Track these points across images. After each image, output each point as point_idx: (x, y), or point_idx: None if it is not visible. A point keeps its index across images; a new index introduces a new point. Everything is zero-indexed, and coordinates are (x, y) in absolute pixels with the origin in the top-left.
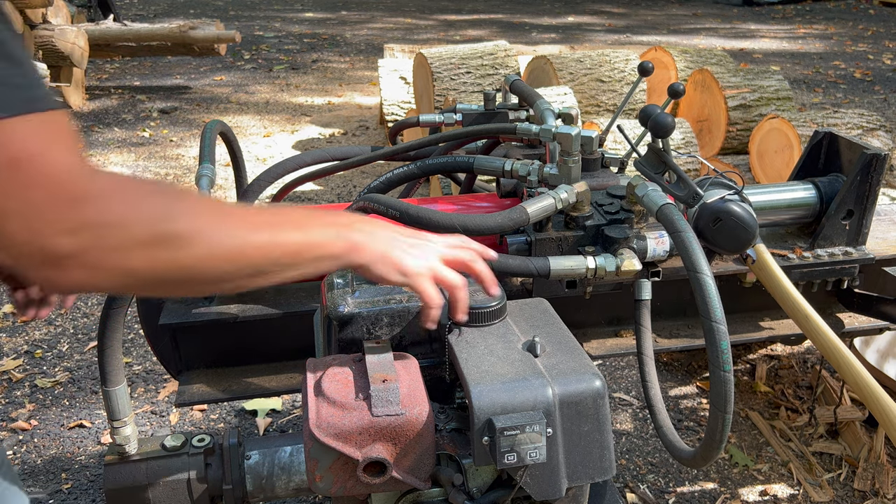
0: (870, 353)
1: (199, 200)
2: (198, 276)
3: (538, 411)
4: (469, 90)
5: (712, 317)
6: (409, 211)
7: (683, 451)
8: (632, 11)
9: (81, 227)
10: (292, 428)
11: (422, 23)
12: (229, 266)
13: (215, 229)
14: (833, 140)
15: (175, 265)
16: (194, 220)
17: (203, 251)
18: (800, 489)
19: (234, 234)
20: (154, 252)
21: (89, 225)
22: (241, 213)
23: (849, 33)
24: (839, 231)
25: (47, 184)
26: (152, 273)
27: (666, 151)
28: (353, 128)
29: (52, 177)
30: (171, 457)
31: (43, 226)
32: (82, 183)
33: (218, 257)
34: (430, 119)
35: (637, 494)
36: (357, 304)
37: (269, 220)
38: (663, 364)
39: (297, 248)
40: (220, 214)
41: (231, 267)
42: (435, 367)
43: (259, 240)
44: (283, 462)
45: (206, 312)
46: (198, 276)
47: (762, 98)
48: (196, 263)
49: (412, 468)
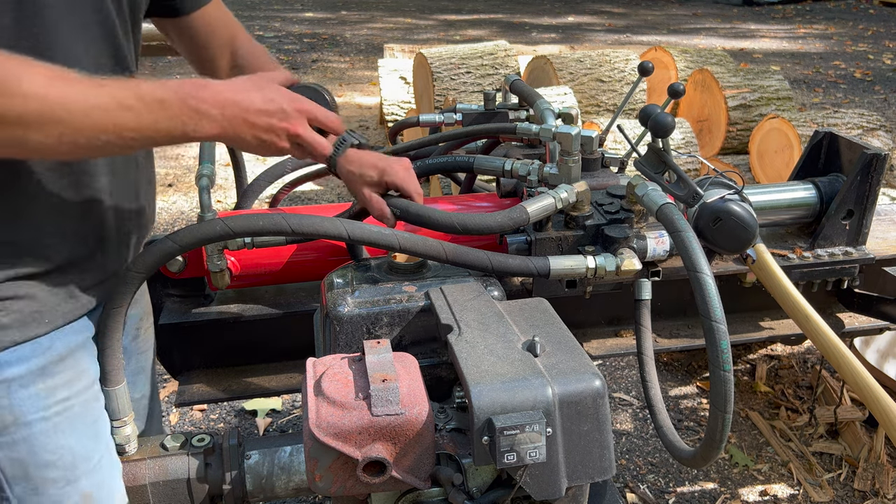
0: (870, 353)
1: (29, 72)
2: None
3: (538, 411)
4: (469, 90)
5: (712, 316)
6: (409, 210)
7: (683, 451)
8: (632, 11)
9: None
10: (292, 428)
11: (422, 23)
12: (65, 143)
13: (43, 110)
14: (833, 140)
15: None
16: (22, 99)
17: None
18: (800, 489)
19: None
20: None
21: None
22: (73, 87)
23: (849, 33)
24: (839, 231)
25: None
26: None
27: (666, 151)
28: (354, 128)
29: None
30: (171, 457)
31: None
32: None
33: (45, 134)
34: (430, 119)
35: (637, 494)
36: (357, 303)
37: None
38: (663, 364)
39: (133, 129)
40: (48, 89)
41: (68, 144)
42: (435, 367)
43: (88, 121)
44: (283, 462)
45: (206, 312)
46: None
47: (762, 98)
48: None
49: (412, 468)
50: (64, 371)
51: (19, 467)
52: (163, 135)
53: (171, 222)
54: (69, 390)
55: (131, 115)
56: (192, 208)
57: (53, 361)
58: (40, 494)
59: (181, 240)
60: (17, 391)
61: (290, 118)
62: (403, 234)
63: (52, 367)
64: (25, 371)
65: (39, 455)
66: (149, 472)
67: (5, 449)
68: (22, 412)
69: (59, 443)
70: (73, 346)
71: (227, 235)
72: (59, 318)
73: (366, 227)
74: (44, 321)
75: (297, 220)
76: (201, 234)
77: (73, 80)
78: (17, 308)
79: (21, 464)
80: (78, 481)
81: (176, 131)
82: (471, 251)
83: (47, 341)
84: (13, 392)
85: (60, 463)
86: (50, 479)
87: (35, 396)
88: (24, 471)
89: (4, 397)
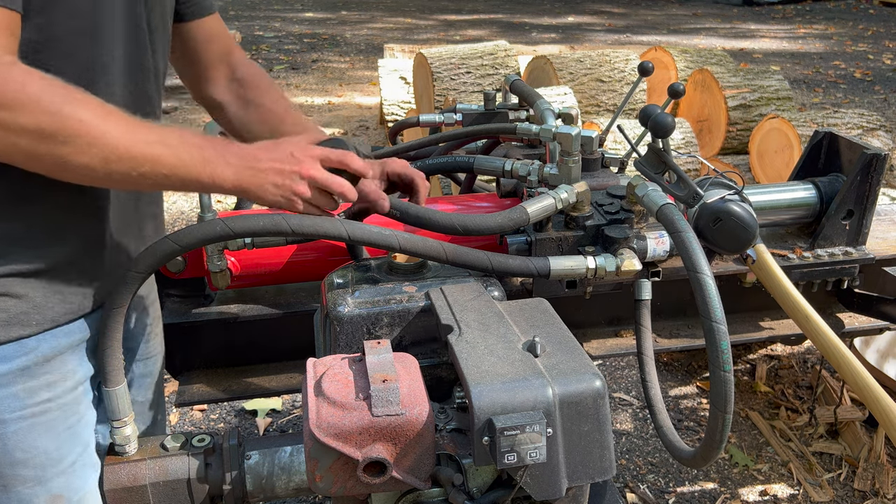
0: (870, 353)
1: (90, 104)
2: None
3: (538, 411)
4: (469, 90)
5: (712, 317)
6: (409, 211)
7: (683, 451)
8: (632, 11)
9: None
10: (292, 428)
11: (422, 23)
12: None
13: (95, 134)
14: (833, 140)
15: (51, 154)
16: (78, 122)
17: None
18: (800, 489)
19: (110, 141)
20: (36, 141)
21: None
22: (126, 123)
23: (849, 33)
24: (839, 231)
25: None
26: (34, 157)
27: (666, 151)
28: (353, 128)
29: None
30: (171, 457)
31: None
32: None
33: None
34: (430, 119)
35: (637, 494)
36: (357, 304)
37: (147, 136)
38: (663, 364)
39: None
40: (105, 120)
41: (102, 168)
42: (435, 368)
43: (134, 150)
44: (283, 462)
45: (206, 312)
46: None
47: (762, 98)
48: (70, 158)
49: (412, 468)
50: (48, 373)
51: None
52: (191, 178)
53: (172, 222)
54: (51, 392)
55: (170, 153)
56: (192, 208)
57: (38, 363)
58: (9, 492)
59: (181, 240)
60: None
61: (301, 162)
62: (403, 235)
63: (35, 368)
64: (6, 370)
65: (12, 453)
66: (149, 473)
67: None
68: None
69: (32, 443)
70: (61, 348)
71: (228, 236)
72: (47, 320)
73: (366, 228)
74: (31, 322)
75: (297, 221)
76: (201, 234)
77: (121, 114)
78: (4, 307)
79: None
80: (49, 482)
81: (203, 176)
82: (471, 251)
83: (33, 342)
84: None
85: (32, 463)
86: (20, 477)
87: (13, 396)
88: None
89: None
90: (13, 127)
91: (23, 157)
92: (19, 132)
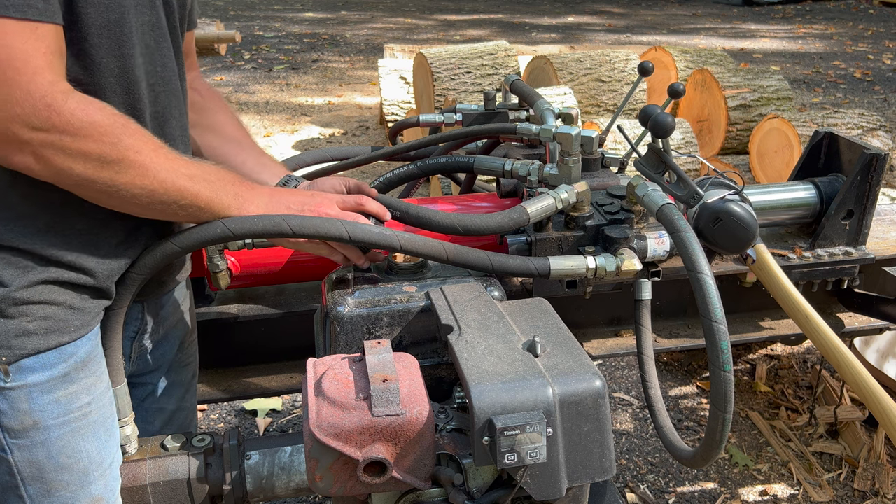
0: (870, 353)
1: (144, 137)
2: (121, 194)
3: (538, 411)
4: (469, 90)
5: (712, 317)
6: (410, 211)
7: (683, 451)
8: (632, 11)
9: (46, 128)
10: (292, 428)
11: (422, 23)
12: (148, 197)
13: (148, 166)
14: (833, 140)
15: (107, 181)
16: (135, 153)
17: (131, 179)
18: (800, 489)
19: (160, 174)
20: (95, 167)
21: (52, 128)
22: (173, 157)
23: (849, 33)
24: (839, 231)
25: (28, 87)
26: (88, 181)
27: (666, 151)
28: (353, 128)
29: (33, 84)
30: (172, 457)
31: (14, 115)
32: (59, 96)
33: (139, 186)
34: (430, 119)
35: (637, 494)
36: (357, 304)
37: (190, 170)
38: (663, 364)
39: (205, 201)
40: (156, 153)
41: (147, 197)
42: (435, 367)
43: (178, 183)
44: (283, 462)
45: (206, 312)
46: (121, 194)
47: (762, 98)
48: (123, 186)
49: (412, 468)
50: (87, 377)
51: (35, 469)
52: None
53: None
54: (90, 395)
55: (208, 189)
56: None
57: (77, 368)
58: (52, 497)
59: (181, 242)
60: (38, 397)
61: (320, 204)
62: (404, 235)
63: (75, 373)
64: (48, 378)
65: (56, 458)
66: (149, 473)
67: (24, 451)
68: (42, 417)
69: (76, 447)
70: (94, 349)
71: (228, 238)
72: (85, 325)
73: (367, 228)
74: (70, 329)
75: (297, 222)
76: (202, 236)
77: (168, 149)
78: (43, 314)
79: (37, 466)
80: (91, 485)
81: (233, 211)
82: (471, 251)
83: (72, 348)
84: (34, 398)
85: (76, 467)
86: (63, 482)
87: (55, 403)
88: (40, 473)
89: (24, 402)
90: (75, 152)
91: (74, 182)
92: (80, 157)
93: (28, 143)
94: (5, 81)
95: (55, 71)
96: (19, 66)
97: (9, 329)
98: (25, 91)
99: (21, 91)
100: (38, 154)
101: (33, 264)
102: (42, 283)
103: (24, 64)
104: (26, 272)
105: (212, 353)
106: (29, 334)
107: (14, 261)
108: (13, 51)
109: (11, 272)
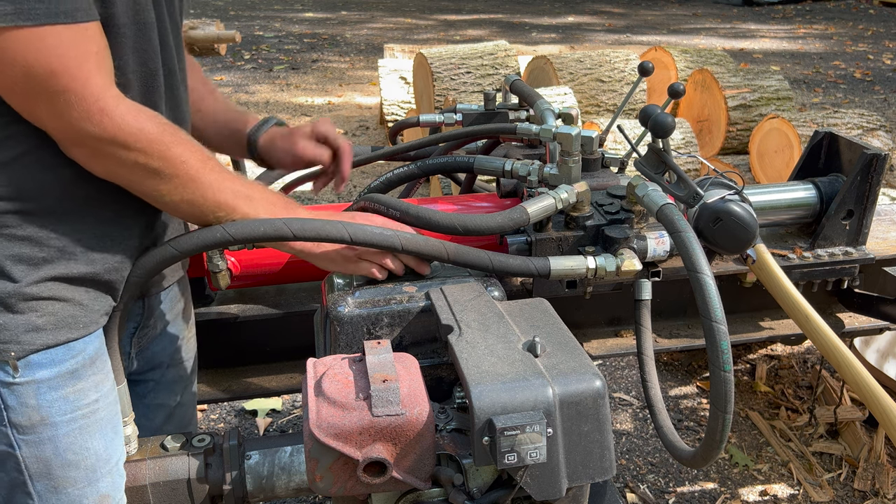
0: (870, 353)
1: (191, 147)
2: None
3: (538, 411)
4: (469, 90)
5: (712, 317)
6: (410, 211)
7: (683, 452)
8: (632, 11)
9: (99, 132)
10: (292, 428)
11: (422, 23)
12: (187, 206)
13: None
14: (833, 140)
15: (152, 187)
16: (181, 164)
17: (174, 188)
18: (800, 489)
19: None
20: (142, 174)
21: (105, 132)
22: (218, 171)
23: (849, 33)
24: (839, 231)
25: (82, 93)
26: (135, 184)
27: (666, 151)
28: (353, 128)
29: (87, 90)
30: (172, 457)
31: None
32: (111, 101)
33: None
34: (430, 119)
35: (637, 494)
36: (357, 304)
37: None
38: (663, 364)
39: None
40: (203, 165)
41: (187, 206)
42: (435, 368)
43: (219, 198)
44: (283, 462)
45: (206, 312)
46: (163, 200)
47: (762, 98)
48: (166, 193)
49: (412, 468)
50: (94, 374)
51: (43, 465)
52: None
53: None
54: (98, 392)
55: (248, 205)
56: None
57: (85, 364)
58: (59, 493)
59: (181, 246)
60: (46, 393)
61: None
62: (405, 235)
63: (83, 370)
64: (55, 374)
65: (63, 455)
66: (149, 473)
67: (32, 447)
68: (49, 413)
69: (84, 444)
70: (101, 347)
71: (228, 242)
72: (93, 322)
73: (367, 229)
74: (78, 325)
75: (298, 225)
76: (201, 240)
77: (216, 161)
78: (52, 310)
79: (45, 462)
80: (98, 482)
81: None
82: (472, 251)
83: (80, 345)
84: (41, 394)
85: (83, 464)
86: (71, 479)
87: (63, 399)
88: (48, 469)
89: (32, 398)
90: (127, 163)
91: (123, 183)
92: (129, 167)
93: (84, 144)
94: (62, 90)
95: (105, 73)
96: (74, 73)
97: (18, 324)
98: (80, 96)
99: (76, 96)
100: (93, 152)
101: (44, 260)
102: (52, 279)
103: (78, 70)
104: (37, 268)
105: (212, 353)
106: (38, 329)
107: (25, 257)
108: (68, 59)
109: (22, 268)
